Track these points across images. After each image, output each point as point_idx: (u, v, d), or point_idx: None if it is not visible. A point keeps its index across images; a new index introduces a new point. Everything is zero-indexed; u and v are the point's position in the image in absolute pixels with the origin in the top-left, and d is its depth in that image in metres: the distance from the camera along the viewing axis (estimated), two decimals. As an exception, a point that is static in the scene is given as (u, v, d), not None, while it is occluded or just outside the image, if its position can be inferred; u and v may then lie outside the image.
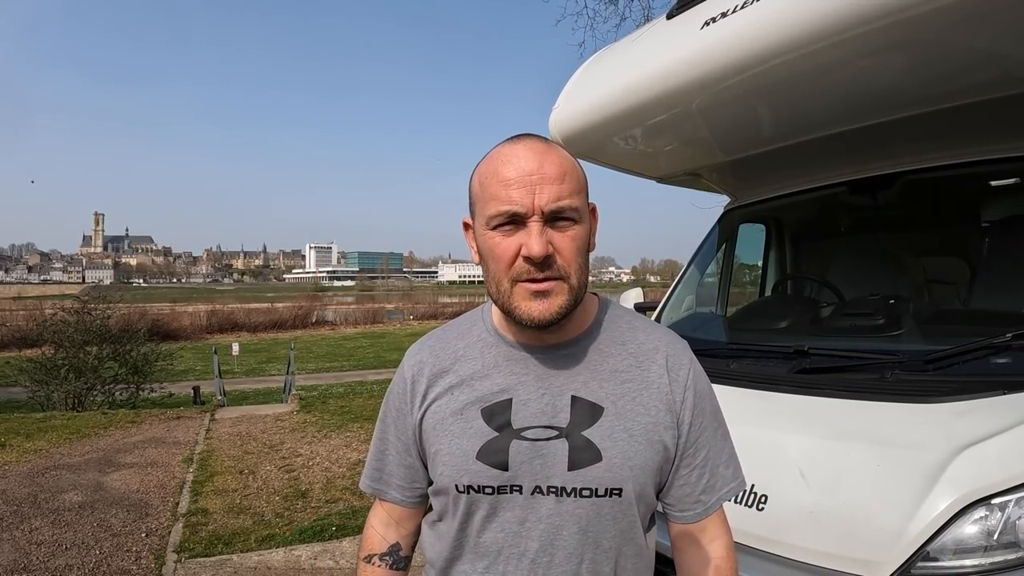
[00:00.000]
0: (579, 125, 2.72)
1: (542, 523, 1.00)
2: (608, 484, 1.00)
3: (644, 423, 1.02)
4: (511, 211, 0.93)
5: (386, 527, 1.18)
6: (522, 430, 1.01)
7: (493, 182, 0.96)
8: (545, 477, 1.00)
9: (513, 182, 0.94)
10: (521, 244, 0.94)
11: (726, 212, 3.29)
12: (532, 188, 0.93)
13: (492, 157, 0.99)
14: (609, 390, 1.03)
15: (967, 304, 2.43)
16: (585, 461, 0.99)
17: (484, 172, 0.99)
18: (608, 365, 1.05)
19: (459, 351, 1.09)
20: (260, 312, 38.03)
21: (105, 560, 4.11)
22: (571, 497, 1.00)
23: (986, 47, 1.78)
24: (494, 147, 1.01)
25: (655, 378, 1.06)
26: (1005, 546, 1.38)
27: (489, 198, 0.96)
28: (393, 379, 1.17)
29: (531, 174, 0.94)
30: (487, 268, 1.00)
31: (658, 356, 1.07)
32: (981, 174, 2.29)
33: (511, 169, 0.95)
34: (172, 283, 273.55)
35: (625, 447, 1.00)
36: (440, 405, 1.06)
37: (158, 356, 12.73)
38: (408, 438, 1.11)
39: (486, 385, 1.04)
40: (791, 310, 2.83)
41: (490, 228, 0.96)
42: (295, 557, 4.16)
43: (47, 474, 5.87)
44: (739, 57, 2.01)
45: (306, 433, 7.87)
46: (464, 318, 1.17)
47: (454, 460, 1.03)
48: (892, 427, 1.67)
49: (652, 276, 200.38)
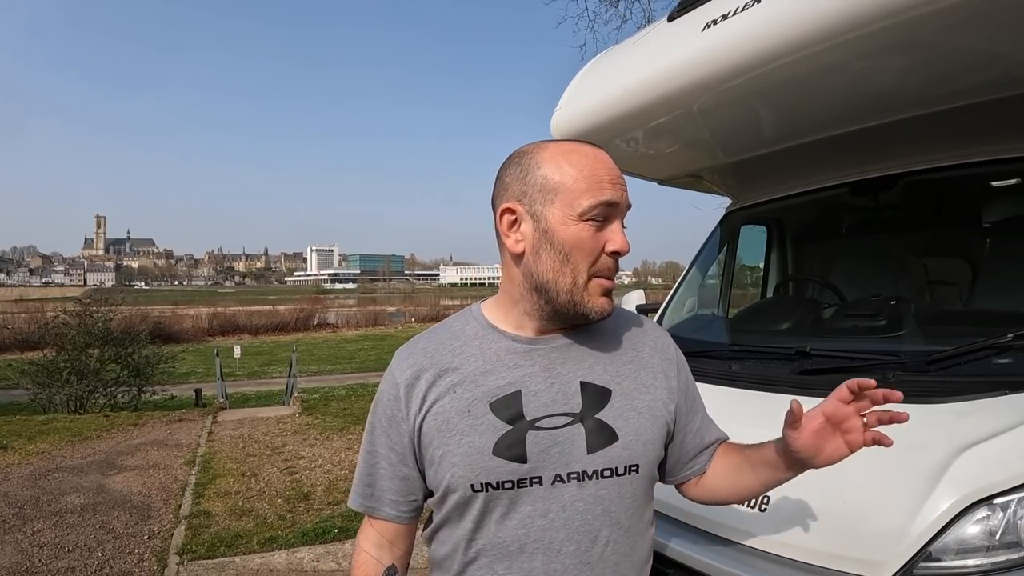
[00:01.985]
0: (580, 127, 2.72)
1: (566, 511, 1.01)
2: (626, 461, 1.04)
3: (647, 400, 1.09)
4: (611, 200, 1.00)
5: (380, 549, 1.13)
6: (536, 420, 1.01)
7: (586, 174, 1.00)
8: (565, 464, 1.01)
9: (605, 178, 1.00)
10: (607, 240, 1.00)
11: (727, 214, 3.30)
12: (621, 187, 1.02)
13: (574, 151, 1.03)
14: (613, 372, 1.08)
15: (968, 305, 2.42)
16: (602, 443, 1.02)
17: (570, 164, 1.01)
18: (606, 351, 1.10)
19: (456, 349, 1.08)
20: (262, 314, 38.09)
21: (107, 562, 4.11)
22: (593, 480, 1.02)
23: (986, 48, 1.79)
24: (556, 142, 1.05)
25: (648, 358, 1.13)
26: (1007, 546, 1.38)
27: (585, 188, 0.99)
28: (380, 388, 1.12)
29: (615, 172, 1.02)
30: (565, 258, 1.00)
31: (646, 339, 1.16)
32: (982, 175, 2.29)
33: (600, 165, 1.01)
34: (174, 286, 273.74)
35: (636, 424, 1.06)
36: (443, 405, 1.03)
37: (160, 358, 12.77)
38: (403, 446, 1.07)
39: (491, 380, 1.03)
40: (793, 311, 2.83)
41: (583, 219, 0.99)
42: (297, 559, 4.16)
43: (49, 476, 5.88)
44: (740, 59, 2.01)
45: (308, 435, 7.88)
46: (453, 319, 1.16)
47: (467, 459, 1.00)
48: (894, 427, 1.67)
49: (653, 278, 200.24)
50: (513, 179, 1.04)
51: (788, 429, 1.06)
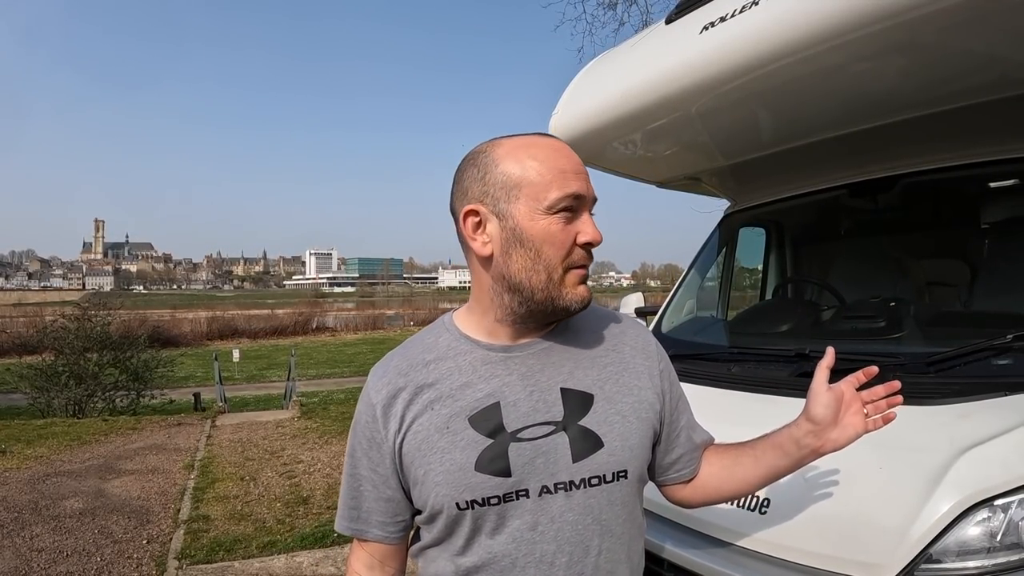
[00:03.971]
0: (579, 130, 2.72)
1: (555, 523, 0.98)
2: (614, 468, 1.01)
3: (631, 403, 1.06)
4: (577, 192, 0.96)
5: (371, 570, 1.10)
6: (517, 431, 0.98)
7: (549, 167, 0.97)
8: (551, 474, 0.98)
9: (569, 169, 0.97)
10: (577, 232, 0.97)
11: (726, 216, 3.30)
12: (585, 178, 0.99)
13: (532, 145, 0.99)
14: (594, 376, 1.05)
15: (968, 306, 2.43)
16: (587, 450, 1.00)
17: (531, 157, 0.97)
18: (586, 353, 1.07)
19: (430, 364, 1.03)
20: (260, 318, 38.04)
21: (106, 567, 4.10)
22: (581, 489, 0.99)
23: (984, 50, 1.79)
24: (514, 137, 1.01)
25: (629, 358, 1.10)
26: (1008, 547, 1.38)
27: (550, 182, 0.96)
28: (357, 409, 1.08)
29: (578, 164, 0.99)
30: (536, 254, 0.96)
31: (626, 338, 1.12)
32: (981, 176, 2.29)
33: (563, 158, 0.98)
34: (172, 289, 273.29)
35: (621, 429, 1.03)
36: (422, 424, 1.00)
37: (159, 362, 12.72)
38: (385, 468, 1.03)
39: (469, 394, 1.00)
40: (792, 313, 2.83)
41: (551, 212, 0.96)
42: (297, 563, 4.15)
43: (48, 481, 5.87)
44: (738, 61, 2.01)
45: (307, 439, 7.86)
46: (426, 332, 1.12)
47: (450, 477, 0.97)
48: (894, 429, 1.67)
49: (652, 280, 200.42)
50: (472, 180, 0.99)
51: (812, 392, 1.12)
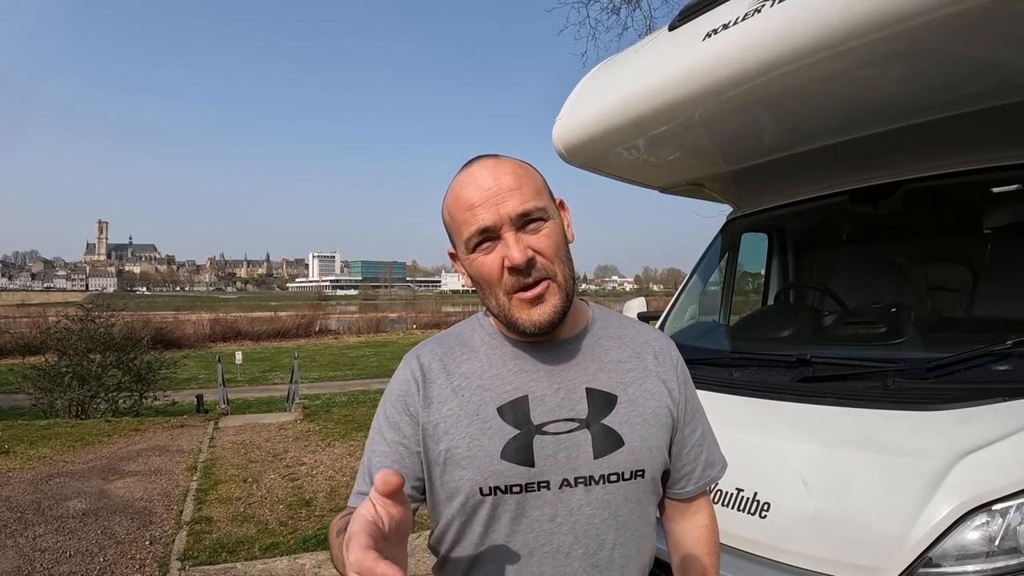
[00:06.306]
0: (582, 136, 2.74)
1: (573, 515, 1.02)
2: (632, 467, 1.05)
3: (652, 407, 1.09)
4: (482, 227, 0.98)
5: None
6: (543, 425, 1.02)
7: (459, 208, 1.01)
8: (572, 468, 1.02)
9: (476, 202, 0.99)
10: (503, 257, 0.99)
11: (729, 221, 3.31)
12: (495, 202, 0.98)
13: (453, 187, 1.04)
14: (617, 379, 1.09)
15: (968, 311, 2.43)
16: (608, 448, 1.03)
17: (450, 203, 1.04)
18: (611, 357, 1.11)
19: (463, 355, 1.09)
20: (263, 321, 38.07)
21: (109, 568, 4.12)
22: (600, 484, 1.03)
23: (985, 56, 1.80)
24: (455, 176, 1.05)
25: (651, 367, 1.13)
26: (1006, 552, 1.38)
27: (460, 224, 1.01)
28: (389, 387, 1.10)
29: (489, 188, 0.99)
30: (482, 289, 1.04)
31: (649, 348, 1.15)
32: (981, 182, 2.30)
33: (471, 191, 1.00)
34: (175, 291, 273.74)
35: (642, 430, 1.06)
36: (451, 408, 1.03)
37: (161, 364, 12.77)
38: (410, 442, 1.04)
39: (498, 385, 1.05)
40: (793, 319, 2.84)
41: (470, 251, 1.01)
42: (299, 565, 4.16)
43: (51, 481, 5.89)
44: (741, 68, 2.03)
45: (310, 442, 7.88)
46: (460, 326, 1.17)
47: (476, 462, 1.00)
48: (894, 434, 1.68)
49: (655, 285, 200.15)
50: (444, 225, 1.08)
51: None
